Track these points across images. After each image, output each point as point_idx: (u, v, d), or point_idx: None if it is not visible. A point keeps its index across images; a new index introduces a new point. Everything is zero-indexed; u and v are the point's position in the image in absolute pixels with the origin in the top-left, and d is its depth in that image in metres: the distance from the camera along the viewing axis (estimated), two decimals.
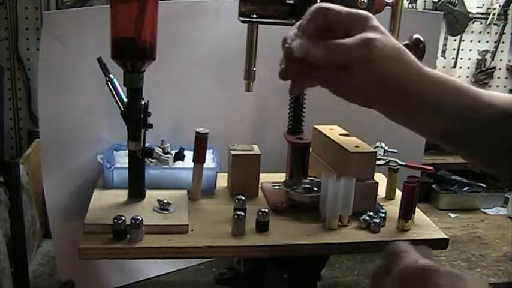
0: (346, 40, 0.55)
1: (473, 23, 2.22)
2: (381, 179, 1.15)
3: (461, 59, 2.28)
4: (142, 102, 0.96)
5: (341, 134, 1.14)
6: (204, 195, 1.09)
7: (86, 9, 1.57)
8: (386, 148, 1.20)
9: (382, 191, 1.14)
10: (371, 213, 1.02)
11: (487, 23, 2.22)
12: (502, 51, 2.29)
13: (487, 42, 2.27)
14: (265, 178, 1.14)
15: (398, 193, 1.15)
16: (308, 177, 1.12)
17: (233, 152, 1.10)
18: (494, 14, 2.20)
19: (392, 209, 1.07)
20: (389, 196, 1.16)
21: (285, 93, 1.13)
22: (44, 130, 1.11)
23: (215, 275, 1.25)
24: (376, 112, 0.57)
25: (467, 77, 2.31)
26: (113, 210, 0.96)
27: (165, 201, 0.99)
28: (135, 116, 0.96)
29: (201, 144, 1.05)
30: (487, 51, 2.27)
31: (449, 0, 2.13)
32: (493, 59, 2.29)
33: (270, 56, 1.22)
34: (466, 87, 0.57)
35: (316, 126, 1.19)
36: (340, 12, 0.59)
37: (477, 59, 2.29)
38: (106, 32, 0.93)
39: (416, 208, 1.04)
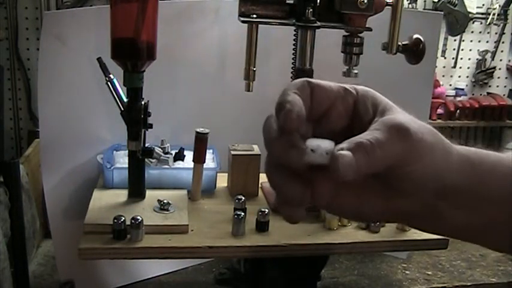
0: (377, 135, 0.38)
1: (473, 23, 2.22)
2: None
3: (461, 59, 2.28)
4: (142, 102, 0.96)
5: None
6: (204, 195, 1.09)
7: (86, 9, 1.56)
8: None
9: None
10: None
11: (487, 23, 2.22)
12: (502, 51, 2.29)
13: (487, 42, 2.27)
14: (265, 178, 1.13)
15: None
16: None
17: (233, 152, 1.10)
18: (494, 14, 2.20)
19: None
20: None
21: None
22: (44, 130, 1.11)
23: (215, 275, 1.25)
24: None
25: (467, 77, 2.31)
26: (113, 210, 0.96)
27: (165, 201, 0.99)
28: (135, 116, 0.96)
29: (201, 144, 1.05)
30: (487, 51, 2.27)
31: (449, 0, 2.13)
32: (493, 59, 2.29)
33: (270, 56, 1.23)
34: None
35: None
36: (331, 88, 0.42)
37: (477, 59, 2.28)
38: (106, 32, 0.93)
39: None
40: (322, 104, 0.42)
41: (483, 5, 2.21)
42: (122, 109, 0.97)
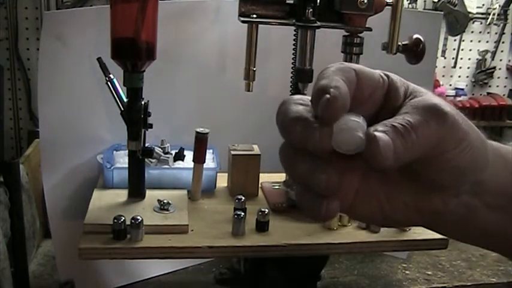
0: (408, 118, 0.34)
1: (473, 23, 2.22)
2: None
3: (461, 59, 2.28)
4: (142, 102, 0.96)
5: None
6: (204, 195, 1.09)
7: (86, 9, 1.56)
8: None
9: None
10: None
11: (487, 23, 2.22)
12: (502, 51, 2.29)
13: (487, 42, 2.27)
14: (265, 178, 1.14)
15: None
16: None
17: (233, 152, 1.10)
18: (494, 14, 2.20)
19: None
20: None
21: (285, 93, 1.14)
22: (44, 130, 1.11)
23: (215, 275, 1.25)
24: None
25: (467, 77, 2.31)
26: (113, 210, 0.96)
27: (165, 201, 0.99)
28: (135, 116, 0.96)
29: (201, 144, 1.05)
30: (487, 51, 2.28)
31: (449, 0, 2.13)
32: (493, 59, 2.29)
33: (270, 56, 1.23)
34: None
35: None
36: (373, 77, 0.37)
37: (477, 59, 2.29)
38: (106, 32, 0.93)
39: None
40: (364, 94, 0.36)
41: (483, 5, 2.21)
42: (122, 109, 0.97)
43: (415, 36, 1.00)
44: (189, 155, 1.13)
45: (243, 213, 0.94)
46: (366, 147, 0.33)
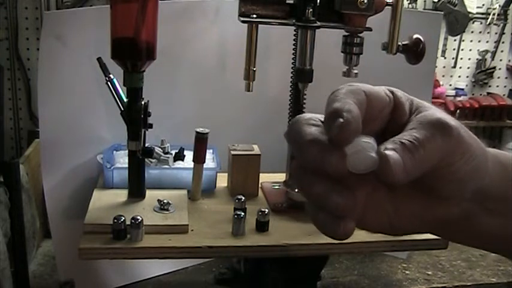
0: (415, 134, 0.36)
1: (473, 23, 2.22)
2: None
3: (461, 59, 2.28)
4: (142, 102, 0.96)
5: None
6: (204, 195, 1.09)
7: (86, 9, 1.57)
8: None
9: None
10: None
11: (487, 23, 2.22)
12: (502, 51, 2.29)
13: (487, 42, 2.27)
14: (265, 178, 1.14)
15: None
16: None
17: (233, 152, 1.10)
18: (494, 14, 2.20)
19: None
20: None
21: (285, 93, 1.14)
22: (44, 130, 1.11)
23: (215, 275, 1.25)
24: None
25: (467, 77, 2.31)
26: (113, 210, 0.96)
27: (165, 201, 0.99)
28: (135, 116, 0.96)
29: (201, 144, 1.05)
30: (487, 51, 2.27)
31: (449, 0, 2.13)
32: (493, 59, 2.29)
33: (270, 56, 1.23)
34: None
35: None
36: (381, 97, 0.39)
37: (477, 59, 2.29)
38: (106, 32, 0.93)
39: None
40: (374, 114, 0.38)
41: (483, 5, 2.21)
42: (122, 109, 0.97)
43: (415, 36, 1.00)
44: (189, 155, 1.13)
45: (243, 213, 0.94)
46: (378, 166, 0.34)
